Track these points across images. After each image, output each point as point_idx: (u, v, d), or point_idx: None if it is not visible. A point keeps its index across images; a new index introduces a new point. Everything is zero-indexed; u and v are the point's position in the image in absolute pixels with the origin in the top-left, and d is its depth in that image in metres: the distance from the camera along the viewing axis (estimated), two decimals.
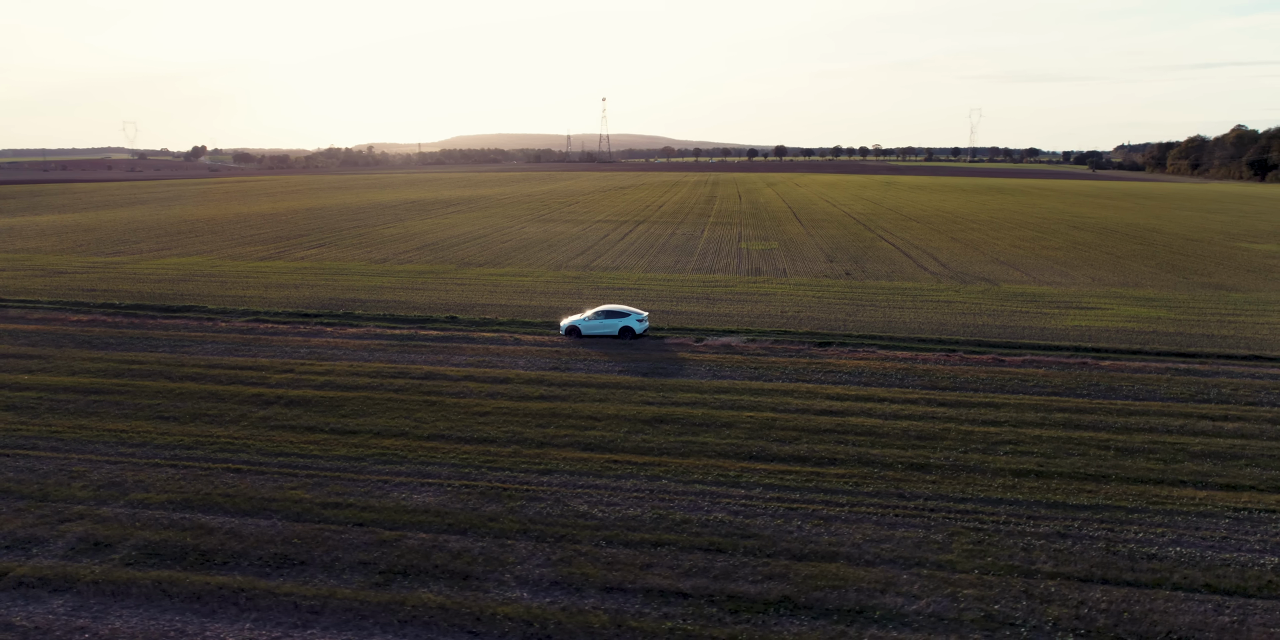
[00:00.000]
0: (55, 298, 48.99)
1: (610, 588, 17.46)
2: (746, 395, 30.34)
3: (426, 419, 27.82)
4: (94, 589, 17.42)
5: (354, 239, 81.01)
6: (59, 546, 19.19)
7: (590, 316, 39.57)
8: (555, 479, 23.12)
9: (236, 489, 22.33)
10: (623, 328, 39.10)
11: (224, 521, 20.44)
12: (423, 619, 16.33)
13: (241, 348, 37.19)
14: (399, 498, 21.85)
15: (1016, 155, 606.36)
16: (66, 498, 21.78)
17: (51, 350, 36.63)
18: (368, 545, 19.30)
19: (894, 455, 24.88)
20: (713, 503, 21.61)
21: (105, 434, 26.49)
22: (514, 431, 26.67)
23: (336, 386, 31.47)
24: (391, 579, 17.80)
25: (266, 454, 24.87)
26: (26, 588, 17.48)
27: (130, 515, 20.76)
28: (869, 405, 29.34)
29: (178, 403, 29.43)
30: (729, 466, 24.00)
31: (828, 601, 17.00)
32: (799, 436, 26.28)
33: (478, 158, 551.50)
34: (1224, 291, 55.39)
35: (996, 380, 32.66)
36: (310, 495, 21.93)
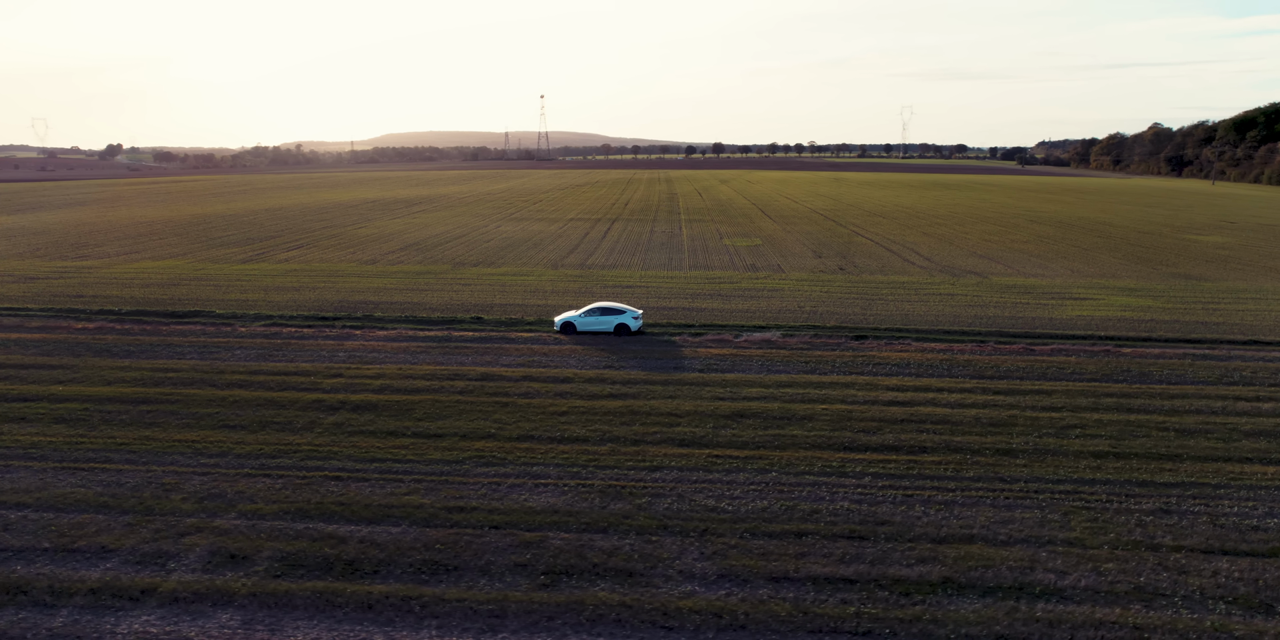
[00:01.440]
0: (45, 305, 46.43)
1: (776, 578, 17.88)
2: (811, 389, 31.10)
3: (507, 420, 27.66)
4: (255, 601, 16.95)
5: (330, 240, 78.94)
6: (193, 560, 18.56)
7: (585, 313, 39.85)
8: (666, 475, 23.38)
9: (347, 497, 21.89)
10: (618, 324, 39.45)
11: (352, 530, 20.05)
12: (609, 617, 16.46)
13: (274, 353, 36.11)
14: (520, 499, 21.77)
15: (945, 151, 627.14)
16: (172, 511, 21.01)
17: (71, 359, 34.90)
18: (513, 547, 19.24)
19: (976, 442, 25.94)
20: (831, 493, 22.23)
21: (177, 444, 25.53)
22: (601, 430, 26.77)
23: (396, 390, 30.94)
24: (557, 580, 17.83)
25: (358, 460, 24.40)
26: (185, 603, 16.88)
27: (249, 527, 20.17)
28: (931, 395, 30.42)
29: (237, 410, 28.52)
30: (829, 457, 24.64)
31: (985, 580, 17.79)
32: (880, 427, 27.13)
33: (413, 156, 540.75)
34: (1194, 281, 58.81)
35: (1035, 368, 34.19)
36: (428, 500, 21.67)
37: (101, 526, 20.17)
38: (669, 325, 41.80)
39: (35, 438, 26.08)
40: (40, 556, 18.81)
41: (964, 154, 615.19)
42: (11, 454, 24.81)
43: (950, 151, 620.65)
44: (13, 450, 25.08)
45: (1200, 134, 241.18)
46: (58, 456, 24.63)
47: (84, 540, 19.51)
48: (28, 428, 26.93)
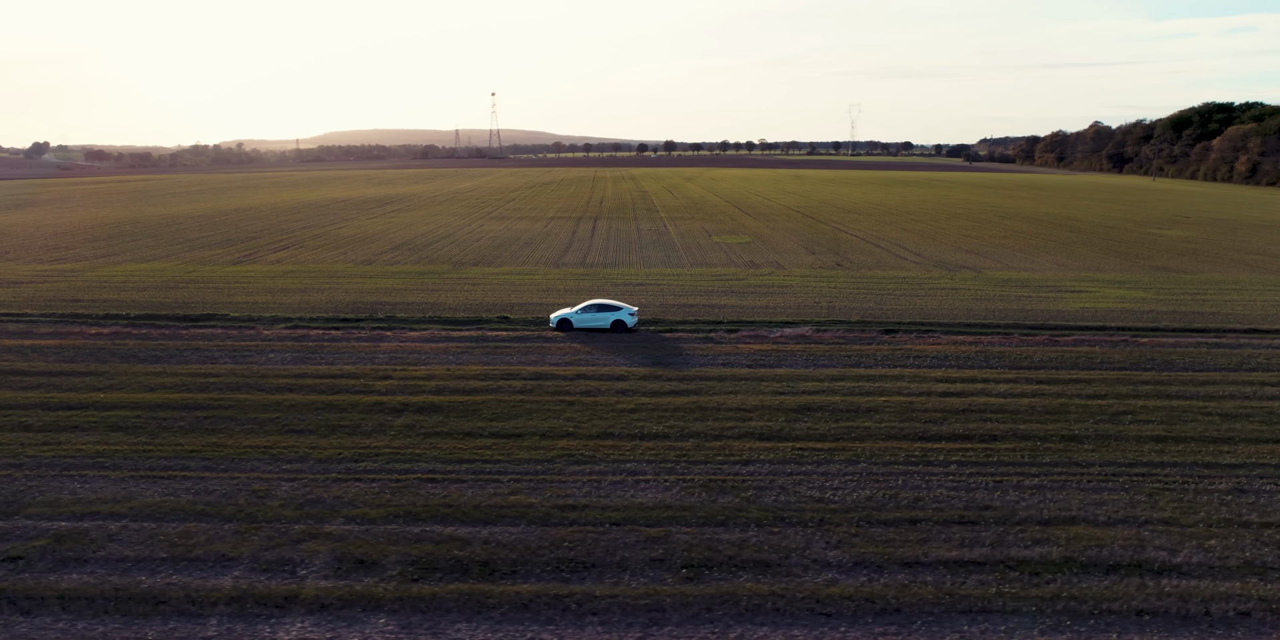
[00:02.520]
0: (45, 310, 44.45)
1: (908, 563, 18.42)
2: (864, 382, 31.81)
3: (579, 418, 27.68)
4: (405, 605, 16.78)
5: (314, 240, 77.18)
6: (320, 566, 18.25)
7: (582, 309, 40.15)
8: (759, 468, 23.75)
9: (450, 499, 21.72)
10: (615, 321, 39.83)
11: (471, 531, 19.93)
12: (765, 607, 16.76)
13: (311, 355, 35.37)
14: (627, 496, 21.90)
15: (892, 149, 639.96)
16: (276, 518, 20.58)
17: (98, 365, 33.63)
18: (641, 543, 19.39)
19: (1040, 429, 26.93)
20: (925, 481, 22.89)
21: (250, 450, 24.92)
22: (678, 426, 27.00)
23: (453, 391, 30.65)
24: (699, 573, 18.05)
25: (445, 462, 24.18)
26: (334, 609, 16.62)
27: (363, 532, 19.88)
28: (980, 386, 31.41)
29: (297, 415, 27.92)
30: (908, 447, 25.32)
31: (1103, 559, 18.63)
32: (944, 417, 27.94)
33: (360, 155, 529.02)
34: (1173, 273, 61.54)
35: (1066, 358, 35.53)
36: (536, 500, 21.63)
37: (210, 535, 19.69)
38: (698, 323, 42.12)
39: (98, 446, 25.20)
40: (161, 566, 18.29)
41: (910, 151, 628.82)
42: (81, 464, 23.95)
43: (897, 149, 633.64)
44: (80, 460, 24.21)
45: (1139, 132, 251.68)
46: (130, 465, 23.87)
47: (199, 549, 19.04)
48: (86, 436, 26.00)
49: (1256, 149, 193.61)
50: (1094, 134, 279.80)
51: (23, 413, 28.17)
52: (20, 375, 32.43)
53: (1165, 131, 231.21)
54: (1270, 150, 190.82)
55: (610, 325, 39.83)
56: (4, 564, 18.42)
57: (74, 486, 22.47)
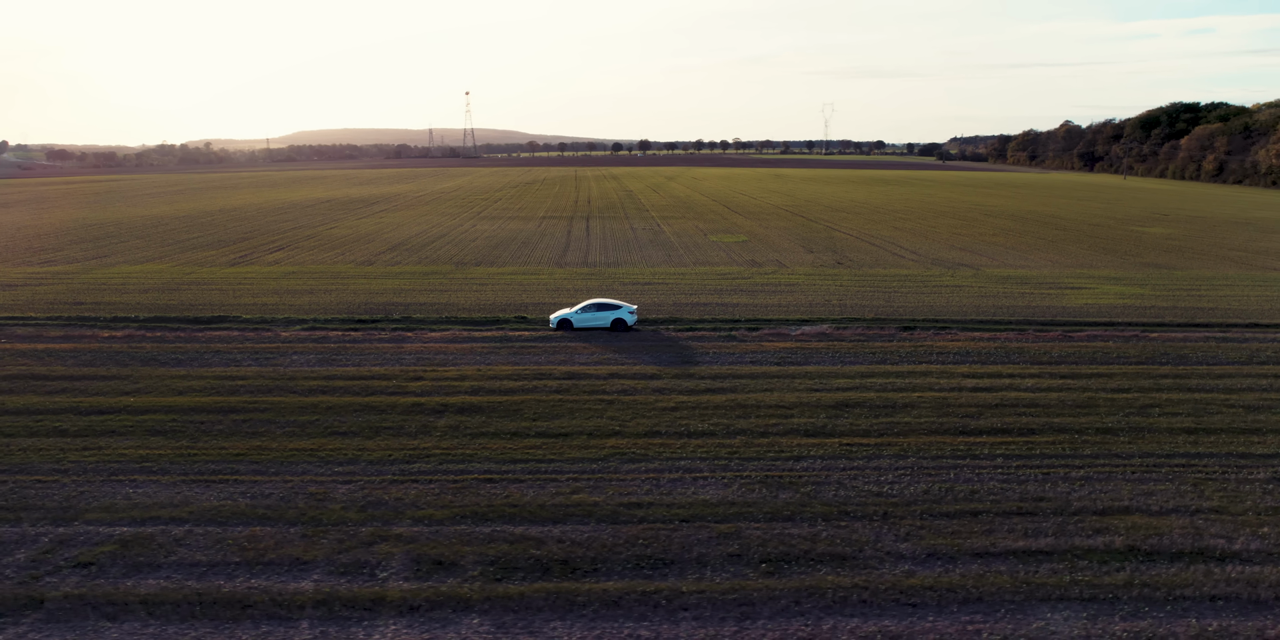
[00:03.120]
0: (49, 313, 43.46)
1: (978, 554, 18.81)
2: (894, 378, 32.26)
3: (623, 417, 27.77)
4: (496, 605, 16.79)
5: (308, 241, 76.25)
6: (399, 568, 18.18)
7: (581, 309, 40.23)
8: (812, 464, 24.02)
9: (513, 498, 21.73)
10: (615, 320, 39.99)
11: (543, 531, 19.97)
12: (851, 599, 17.02)
13: (335, 357, 35.05)
14: (689, 493, 22.05)
15: (865, 148, 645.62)
16: (341, 520, 20.44)
17: (119, 369, 33.05)
18: (714, 539, 19.56)
19: (1074, 422, 27.51)
20: (975, 474, 23.32)
21: (297, 453, 24.69)
22: (722, 424, 27.22)
23: (488, 391, 30.57)
24: (778, 567, 18.27)
25: (498, 462, 24.16)
26: (424, 610, 16.59)
27: (434, 533, 19.82)
28: (1007, 381, 31.99)
29: (336, 417, 27.69)
30: (952, 441, 25.76)
31: (1164, 547, 19.15)
32: (979, 412, 28.44)
33: (332, 154, 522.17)
34: (1165, 270, 62.98)
35: (1083, 353, 36.30)
36: (599, 498, 21.71)
37: (278, 539, 19.52)
38: (717, 321, 42.31)
39: (140, 450, 24.83)
40: (237, 570, 18.12)
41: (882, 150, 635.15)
42: (127, 469, 23.60)
43: (870, 148, 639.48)
44: (125, 465, 23.85)
45: (1109, 132, 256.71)
46: (177, 469, 23.55)
47: (271, 553, 18.88)
48: (125, 441, 25.59)
49: (1223, 148, 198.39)
50: (1065, 133, 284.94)
51: (55, 417, 27.67)
52: (42, 380, 31.80)
53: (1134, 131, 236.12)
54: (1236, 149, 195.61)
55: (611, 324, 39.90)
56: (76, 570, 18.16)
57: (126, 491, 22.16)
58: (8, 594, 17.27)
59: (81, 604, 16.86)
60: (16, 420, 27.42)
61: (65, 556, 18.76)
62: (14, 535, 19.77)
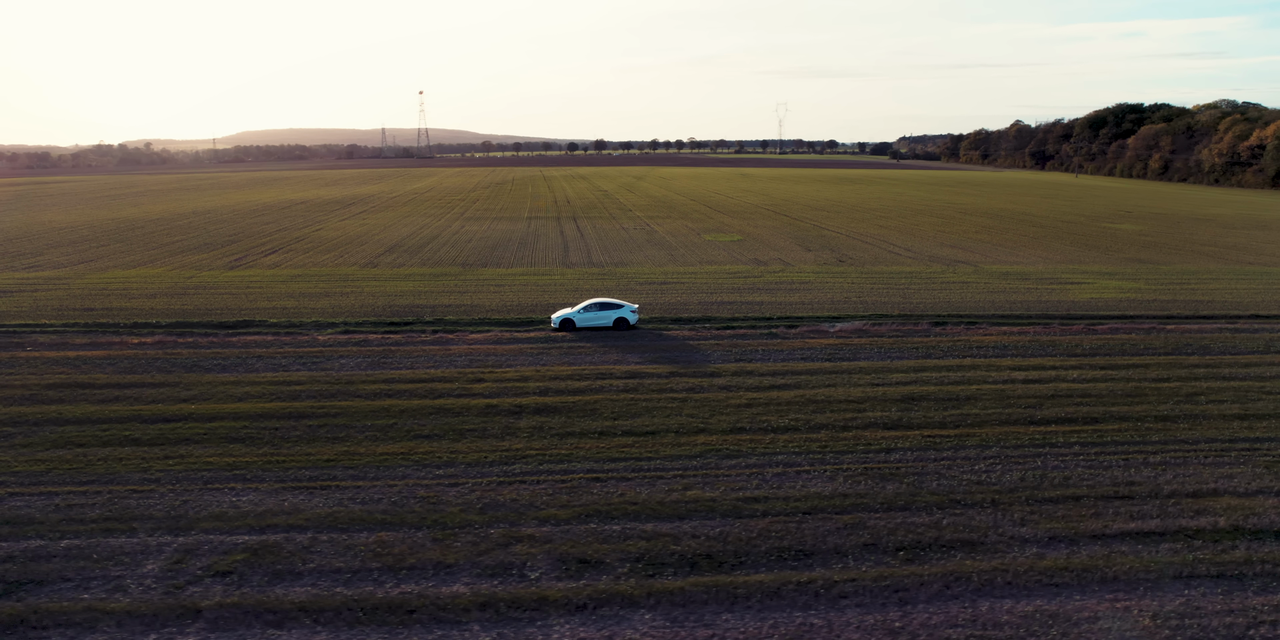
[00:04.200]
0: (65, 320, 41.86)
1: (1096, 536, 19.61)
2: (946, 372, 33.16)
3: (701, 415, 28.05)
4: (663, 600, 16.94)
5: (298, 243, 74.63)
6: (546, 568, 18.20)
7: (584, 309, 40.43)
8: (903, 456, 24.64)
9: (628, 496, 21.86)
10: (617, 319, 40.32)
11: (674, 527, 20.15)
12: (997, 581, 17.61)
13: (384, 360, 34.58)
14: (798, 487, 22.46)
15: (818, 147, 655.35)
16: (464, 523, 20.34)
17: (163, 376, 32.12)
18: (843, 530, 20.00)
19: (1130, 411, 28.70)
20: (1060, 461, 24.22)
21: (389, 457, 24.42)
22: (801, 419, 27.70)
23: (556, 392, 30.56)
24: (915, 555, 18.81)
25: (598, 461, 24.24)
26: (592, 608, 16.69)
27: (564, 532, 19.88)
28: (1053, 373, 33.16)
29: (414, 420, 27.41)
30: (1024, 431, 26.65)
31: (1266, 526, 20.19)
32: (1040, 402, 29.46)
33: (281, 155, 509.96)
34: (1150, 265, 65.60)
35: (1111, 345, 37.76)
36: (714, 494, 21.98)
37: (410, 543, 19.36)
38: (753, 319, 42.76)
39: (225, 458, 24.29)
40: (383, 576, 17.93)
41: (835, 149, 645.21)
42: (219, 477, 23.08)
43: (822, 147, 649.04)
44: (216, 473, 23.32)
45: (1059, 131, 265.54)
46: (271, 476, 23.12)
47: (410, 557, 18.72)
48: (205, 449, 24.98)
49: (1168, 147, 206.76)
50: (1016, 133, 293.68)
51: (121, 426, 26.85)
52: (88, 388, 30.78)
53: (1084, 130, 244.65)
54: (1180, 148, 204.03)
55: (613, 323, 40.10)
56: (217, 579, 17.78)
57: (229, 500, 21.72)
58: (158, 604, 16.88)
59: (240, 612, 16.56)
60: (83, 429, 26.57)
61: (199, 566, 18.37)
62: (134, 546, 19.26)
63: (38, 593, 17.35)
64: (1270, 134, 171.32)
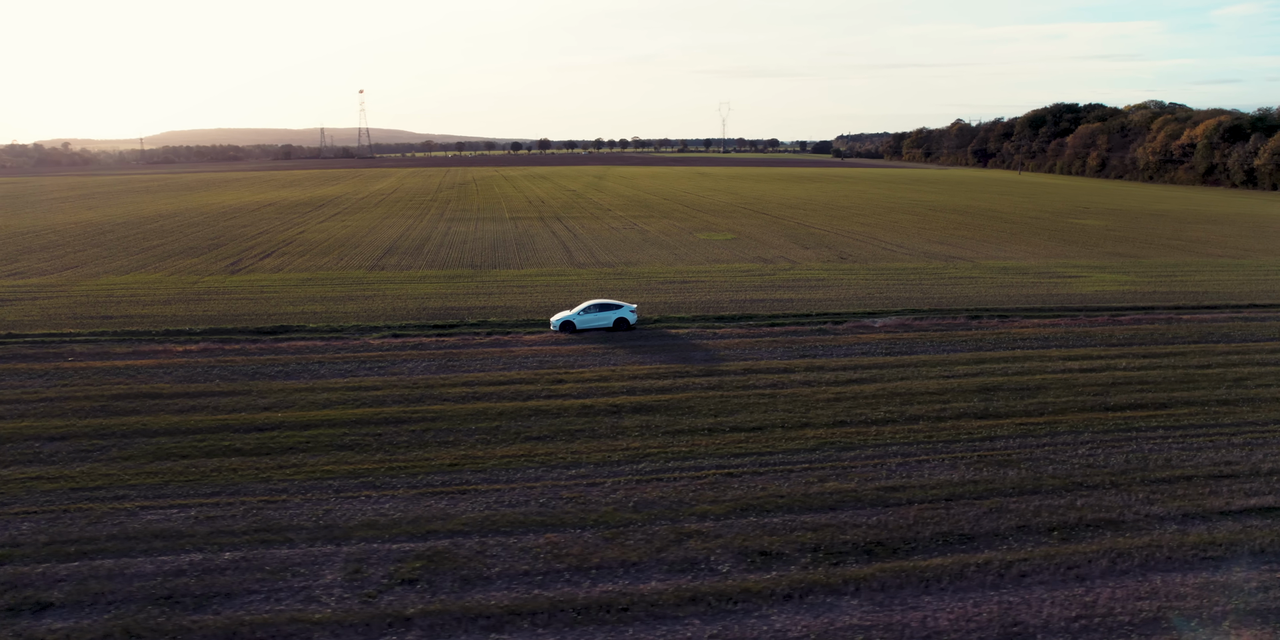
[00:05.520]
0: (82, 328, 40.00)
1: (1224, 512, 20.89)
2: (1006, 363, 34.46)
3: (797, 409, 28.64)
4: (861, 586, 17.46)
5: (288, 246, 72.53)
6: (730, 561, 18.51)
7: (583, 310, 40.49)
8: (1007, 443, 25.66)
9: (770, 490, 22.29)
10: (617, 319, 40.56)
11: (832, 517, 20.68)
12: (1159, 557, 18.66)
13: (452, 364, 34.17)
14: (927, 475, 23.23)
15: (760, 146, 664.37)
16: (625, 522, 20.47)
17: (229, 385, 31.13)
18: (989, 514, 20.83)
19: (1190, 396, 30.37)
20: (1154, 444, 25.57)
21: (511, 460, 24.29)
22: (895, 411, 28.52)
23: (644, 391, 30.73)
24: (1068, 535, 19.74)
25: (723, 457, 24.59)
26: (799, 597, 17.07)
27: (728, 527, 20.19)
28: (1102, 362, 34.80)
29: (518, 422, 27.30)
30: (1105, 417, 27.99)
31: None
32: (1103, 390, 30.94)
33: (214, 155, 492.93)
34: (1131, 258, 68.89)
35: (1141, 335, 39.74)
36: (853, 485, 22.58)
37: (583, 544, 19.41)
38: (794, 316, 43.53)
39: (343, 466, 23.83)
40: (575, 576, 18.00)
41: (777, 148, 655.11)
42: (347, 485, 22.64)
43: (764, 145, 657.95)
44: (343, 481, 22.86)
45: (1000, 129, 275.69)
46: (401, 483, 22.79)
47: (593, 557, 18.80)
48: (318, 458, 24.43)
49: (1104, 146, 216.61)
50: (957, 131, 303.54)
51: (214, 436, 26.06)
52: (158, 398, 29.67)
53: (1024, 129, 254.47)
54: (1115, 147, 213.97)
55: (613, 324, 40.26)
56: (407, 587, 17.57)
57: (370, 508, 21.37)
58: (362, 612, 16.61)
59: (451, 618, 16.44)
60: (179, 441, 25.69)
61: (380, 574, 18.12)
62: (299, 557, 18.86)
63: (231, 605, 16.93)
64: (1200, 133, 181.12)
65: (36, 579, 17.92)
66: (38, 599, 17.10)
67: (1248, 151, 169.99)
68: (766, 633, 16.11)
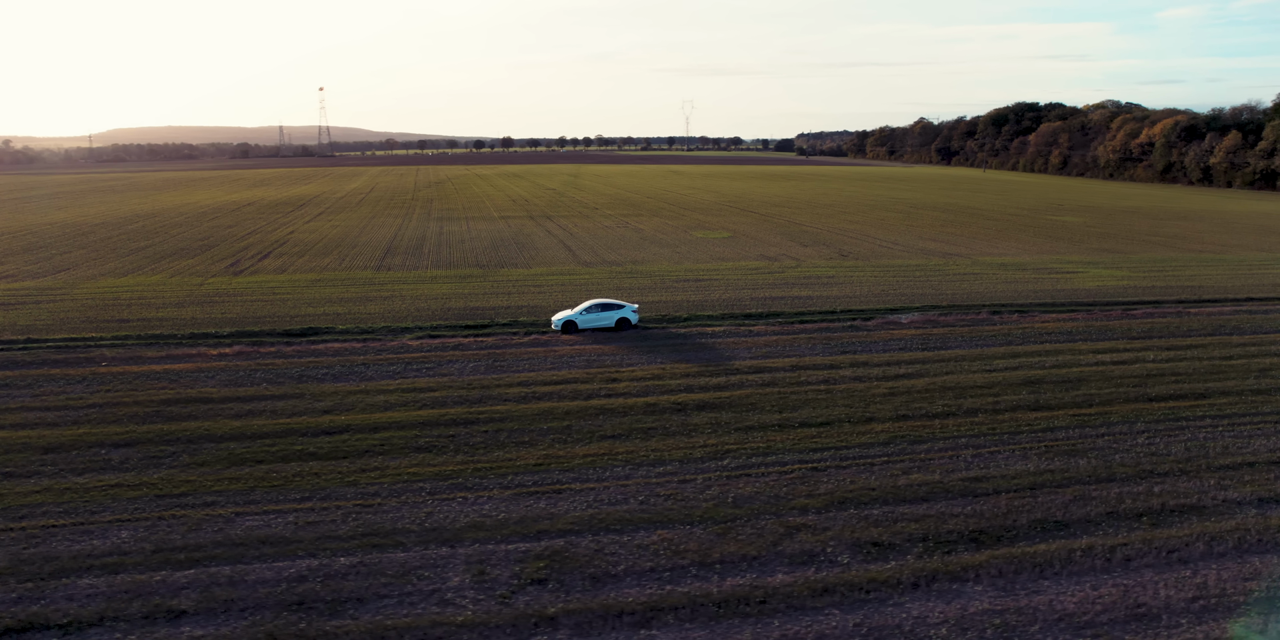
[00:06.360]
0: (102, 333, 38.97)
1: None
2: (1041, 357, 35.45)
3: (856, 404, 29.18)
4: (982, 572, 17.96)
5: (282, 247, 71.16)
6: (844, 552, 18.92)
7: (585, 310, 40.53)
8: (1069, 433, 26.50)
9: (859, 483, 22.77)
10: (619, 319, 40.72)
11: (924, 509, 21.20)
12: (1251, 540, 19.52)
13: (500, 364, 34.03)
14: (1002, 465, 23.91)
15: (723, 143, 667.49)
16: (730, 517, 20.74)
17: (275, 388, 30.64)
18: (1075, 502, 21.55)
19: (1224, 386, 31.61)
20: (1207, 432, 26.61)
21: (595, 458, 24.39)
22: (952, 404, 29.20)
23: (701, 388, 30.98)
24: (1158, 520, 20.51)
25: (802, 452, 24.99)
26: (925, 584, 17.50)
27: (831, 519, 20.59)
28: (1130, 355, 35.99)
29: (588, 421, 27.40)
30: (1151, 408, 29.02)
31: None
32: (1141, 382, 32.04)
33: (168, 154, 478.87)
34: (1119, 254, 71.07)
35: (1158, 329, 41.15)
36: (936, 476, 23.14)
37: (699, 540, 19.62)
38: (820, 313, 44.19)
39: (427, 468, 23.69)
40: (702, 572, 18.18)
41: (739, 146, 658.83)
42: (438, 488, 22.53)
43: (727, 144, 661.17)
44: (433, 483, 22.74)
45: (963, 128, 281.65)
46: (491, 484, 22.74)
47: (714, 551, 19.05)
48: (398, 460, 24.24)
49: (1065, 144, 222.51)
50: (920, 129, 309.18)
51: (284, 440, 25.68)
52: (208, 403, 29.09)
53: (987, 127, 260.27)
54: (1076, 145, 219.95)
55: (615, 324, 40.36)
56: (537, 587, 17.61)
57: (469, 509, 21.30)
58: (503, 613, 16.63)
59: (595, 617, 16.54)
60: (248, 446, 25.26)
61: (506, 575, 18.12)
62: (417, 560, 18.76)
63: (366, 610, 16.82)
64: (1158, 133, 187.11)
65: (158, 587, 17.63)
66: (168, 607, 16.83)
67: (1204, 150, 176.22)
68: (906, 620, 16.59)
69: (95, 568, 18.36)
